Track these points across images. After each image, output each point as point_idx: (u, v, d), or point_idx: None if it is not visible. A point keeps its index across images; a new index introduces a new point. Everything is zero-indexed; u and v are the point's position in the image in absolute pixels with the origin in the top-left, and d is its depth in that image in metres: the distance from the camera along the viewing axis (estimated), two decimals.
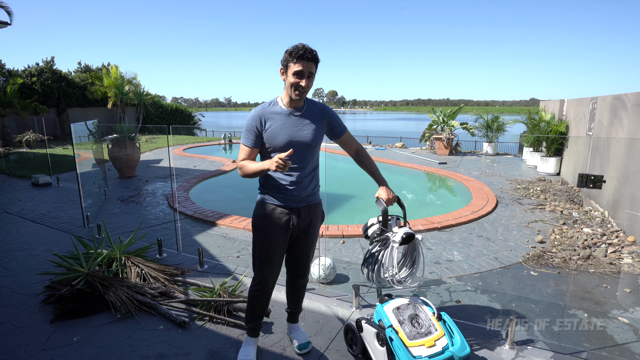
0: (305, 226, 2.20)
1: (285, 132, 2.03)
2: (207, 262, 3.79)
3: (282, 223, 2.12)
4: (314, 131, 2.10)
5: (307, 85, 1.99)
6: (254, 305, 2.28)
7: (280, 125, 2.04)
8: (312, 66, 1.97)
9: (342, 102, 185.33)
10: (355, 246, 4.37)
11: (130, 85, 19.41)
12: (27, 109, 15.69)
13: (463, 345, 2.00)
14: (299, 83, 1.96)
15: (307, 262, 2.35)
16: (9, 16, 10.32)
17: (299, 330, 2.49)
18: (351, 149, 2.30)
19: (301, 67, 1.93)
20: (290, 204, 2.12)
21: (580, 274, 3.69)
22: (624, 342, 2.59)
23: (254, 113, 2.06)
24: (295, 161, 2.07)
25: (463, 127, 12.78)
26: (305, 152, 2.09)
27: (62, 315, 2.76)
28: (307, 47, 1.94)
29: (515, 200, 6.35)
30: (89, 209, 5.48)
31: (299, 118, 2.08)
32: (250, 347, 2.33)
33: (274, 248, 2.14)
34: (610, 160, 5.56)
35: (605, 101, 6.29)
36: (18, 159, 11.81)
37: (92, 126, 7.54)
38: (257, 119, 2.04)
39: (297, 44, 1.96)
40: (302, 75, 1.95)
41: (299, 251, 2.28)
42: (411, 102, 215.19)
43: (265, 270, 2.17)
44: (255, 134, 2.04)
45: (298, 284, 2.40)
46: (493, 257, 4.04)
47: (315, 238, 2.32)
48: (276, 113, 2.05)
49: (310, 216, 2.21)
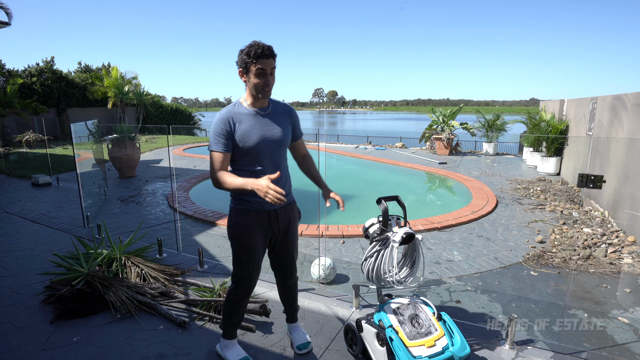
0: (285, 227, 2.18)
1: (257, 132, 2.00)
2: (207, 262, 3.79)
3: (262, 228, 2.09)
4: (283, 130, 2.09)
5: (272, 82, 1.97)
6: (236, 312, 2.25)
7: (250, 126, 1.99)
8: (272, 62, 1.93)
9: (342, 102, 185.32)
10: (355, 246, 4.37)
11: (130, 85, 19.40)
12: (27, 109, 15.69)
13: (463, 345, 2.00)
14: (264, 82, 1.93)
15: (293, 262, 2.34)
16: (8, 17, 10.32)
17: (299, 331, 2.49)
18: (300, 153, 2.33)
19: (263, 66, 1.89)
20: (268, 206, 2.08)
21: (580, 274, 3.69)
22: (624, 342, 2.59)
23: (221, 117, 1.98)
24: (268, 162, 2.04)
25: (463, 127, 12.78)
26: (278, 151, 2.08)
27: (62, 315, 2.76)
28: (263, 45, 1.90)
29: (515, 200, 6.35)
30: (89, 209, 5.48)
31: (267, 118, 2.05)
32: (236, 347, 2.33)
33: (256, 255, 2.10)
34: (610, 160, 5.56)
35: (605, 101, 6.29)
36: (18, 159, 11.81)
37: (92, 126, 7.54)
38: (225, 122, 1.97)
39: (251, 43, 1.91)
40: (265, 74, 1.92)
41: (283, 253, 2.25)
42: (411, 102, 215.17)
43: (250, 277, 2.15)
44: (226, 137, 1.96)
45: (288, 284, 2.39)
46: (493, 257, 4.04)
47: (296, 237, 2.30)
48: (243, 114, 2.00)
49: (289, 216, 2.19)
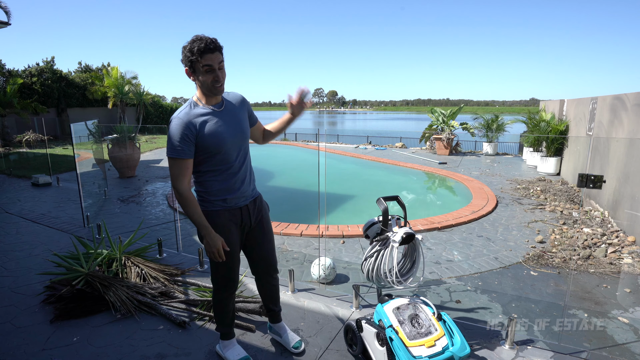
0: (257, 218, 2.17)
1: (221, 130, 1.92)
2: (207, 262, 3.78)
3: (235, 224, 2.07)
4: (243, 122, 2.05)
5: (223, 77, 1.89)
6: (226, 311, 2.25)
7: (214, 125, 1.90)
8: (219, 56, 1.83)
9: (342, 102, 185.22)
10: (355, 246, 4.37)
11: (130, 85, 19.40)
12: (27, 109, 15.70)
13: (463, 345, 2.00)
14: (214, 79, 1.84)
15: (274, 256, 2.31)
16: (7, 16, 10.32)
17: (287, 330, 2.46)
18: (259, 130, 2.27)
19: (210, 62, 1.80)
20: (239, 202, 2.06)
21: (580, 274, 3.69)
22: (624, 342, 2.59)
23: (180, 121, 1.84)
24: (235, 158, 2.01)
25: (463, 127, 12.78)
26: (243, 144, 2.04)
27: (62, 315, 2.76)
28: (207, 38, 1.80)
29: (515, 200, 6.35)
30: (89, 209, 5.48)
31: (225, 113, 1.98)
32: (236, 347, 2.33)
33: (233, 255, 2.08)
34: (610, 160, 5.56)
35: (605, 101, 6.29)
36: (18, 159, 11.81)
37: (92, 126, 7.54)
38: (186, 127, 1.84)
39: (193, 38, 1.81)
40: (213, 70, 1.83)
41: (262, 247, 2.22)
42: (411, 102, 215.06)
43: (233, 273, 2.14)
44: (189, 143, 1.85)
45: (273, 280, 2.36)
46: (493, 257, 4.04)
47: (270, 228, 2.27)
48: (202, 115, 1.90)
49: (259, 209, 2.18)
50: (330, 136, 18.14)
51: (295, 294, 3.13)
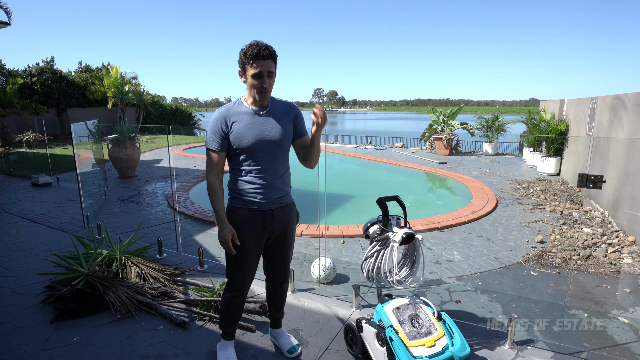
0: (282, 229, 2.13)
1: (253, 131, 1.96)
2: (207, 262, 3.79)
3: (256, 226, 2.06)
4: (281, 130, 2.03)
5: (270, 85, 1.93)
6: (230, 311, 2.25)
7: (247, 125, 1.96)
8: (270, 64, 1.89)
9: (342, 102, 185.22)
10: (355, 246, 4.37)
11: (130, 85, 19.40)
12: (27, 109, 15.69)
13: (463, 345, 2.00)
14: (260, 85, 1.90)
15: (287, 267, 2.31)
16: (8, 16, 10.32)
17: (285, 335, 2.46)
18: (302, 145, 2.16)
19: (259, 68, 1.86)
20: (263, 206, 2.05)
21: (580, 274, 3.69)
22: (624, 342, 2.59)
23: (218, 114, 1.97)
24: (265, 162, 2.01)
25: (463, 127, 12.78)
26: (275, 151, 2.03)
27: (62, 315, 2.76)
28: (261, 45, 1.85)
29: (515, 200, 6.35)
30: (89, 209, 5.48)
31: (265, 117, 2.01)
32: (230, 349, 2.32)
33: (248, 254, 2.08)
34: (610, 160, 5.56)
35: (605, 101, 6.29)
36: (18, 159, 11.81)
37: (92, 126, 7.55)
38: (221, 120, 1.95)
39: (251, 42, 1.87)
40: (261, 76, 1.88)
41: (277, 256, 2.22)
42: (411, 102, 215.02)
43: (242, 276, 2.13)
44: (221, 136, 1.96)
45: (281, 289, 2.36)
46: (493, 257, 4.04)
47: (292, 240, 2.26)
48: (241, 113, 1.98)
49: (286, 218, 2.14)
50: (330, 136, 18.14)
51: (295, 294, 3.13)
